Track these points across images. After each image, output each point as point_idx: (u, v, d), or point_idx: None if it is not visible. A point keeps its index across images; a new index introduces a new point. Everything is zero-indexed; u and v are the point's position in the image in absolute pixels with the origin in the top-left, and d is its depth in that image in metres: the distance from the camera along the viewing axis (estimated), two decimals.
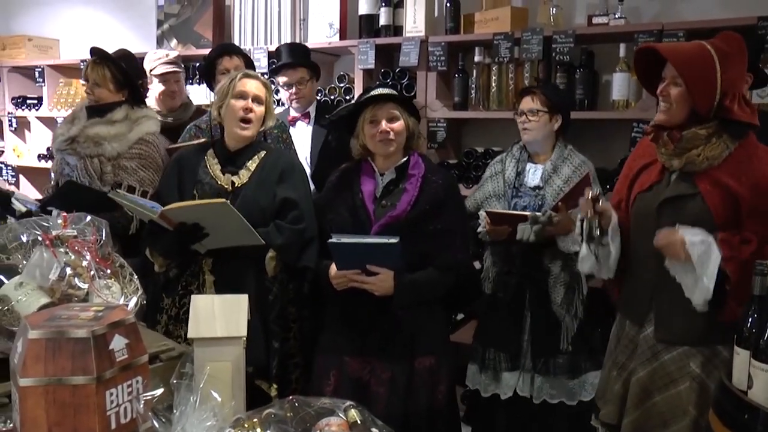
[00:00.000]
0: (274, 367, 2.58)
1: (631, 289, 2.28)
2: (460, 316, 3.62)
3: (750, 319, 1.71)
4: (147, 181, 2.92)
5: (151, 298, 2.67)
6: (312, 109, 3.59)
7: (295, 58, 3.56)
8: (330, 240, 2.30)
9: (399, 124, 2.39)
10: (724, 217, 2.02)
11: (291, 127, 3.57)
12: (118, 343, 1.23)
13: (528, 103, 2.77)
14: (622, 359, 2.28)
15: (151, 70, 3.70)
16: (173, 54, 3.82)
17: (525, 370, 2.75)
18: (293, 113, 3.62)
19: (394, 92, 2.45)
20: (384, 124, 2.38)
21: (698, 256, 1.98)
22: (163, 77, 3.64)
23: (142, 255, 2.64)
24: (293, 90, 3.51)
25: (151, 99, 3.71)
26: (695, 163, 2.05)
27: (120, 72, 3.00)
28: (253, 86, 2.59)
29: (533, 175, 2.80)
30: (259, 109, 2.59)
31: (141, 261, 2.61)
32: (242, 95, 2.57)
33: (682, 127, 2.07)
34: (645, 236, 2.18)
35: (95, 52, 3.05)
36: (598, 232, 2.20)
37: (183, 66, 3.75)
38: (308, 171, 3.41)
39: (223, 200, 2.37)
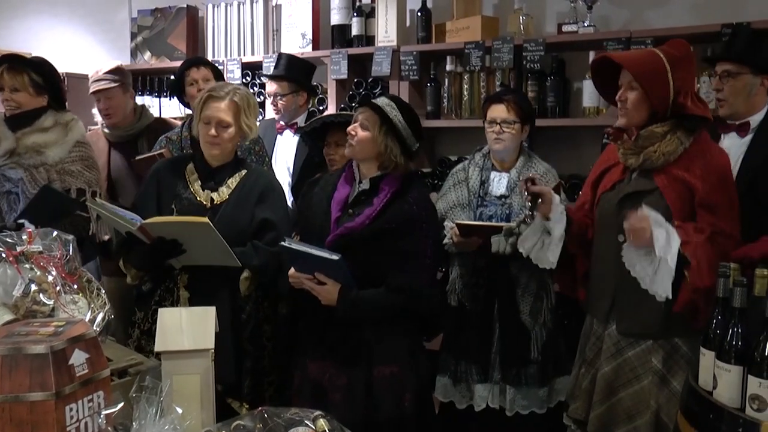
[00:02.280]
0: (246, 387, 2.55)
1: (595, 287, 2.35)
2: None
3: (714, 321, 1.75)
4: (93, 181, 2.95)
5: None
6: (301, 120, 3.55)
7: (286, 71, 3.54)
8: (281, 243, 2.29)
9: (363, 134, 2.33)
10: (681, 212, 2.11)
11: (279, 136, 3.57)
12: (78, 357, 1.22)
13: (502, 112, 2.71)
14: (590, 356, 2.34)
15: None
16: (108, 67, 3.58)
17: (494, 381, 2.71)
18: (281, 122, 3.60)
19: (388, 105, 2.36)
20: (352, 126, 2.35)
21: (661, 237, 2.03)
22: (95, 96, 3.52)
23: (97, 257, 2.63)
24: (272, 100, 3.52)
25: (97, 115, 3.63)
26: (652, 160, 2.14)
27: (39, 75, 2.91)
28: (217, 111, 2.50)
29: (498, 183, 2.77)
30: (227, 132, 2.52)
31: (93, 264, 2.58)
32: (207, 120, 2.51)
33: (641, 128, 2.17)
34: (608, 233, 2.26)
35: (8, 58, 2.96)
36: (528, 213, 2.30)
37: (121, 79, 3.53)
38: (290, 181, 3.42)
39: (206, 220, 2.33)
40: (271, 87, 3.53)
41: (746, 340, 1.63)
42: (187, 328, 1.70)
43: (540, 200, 2.27)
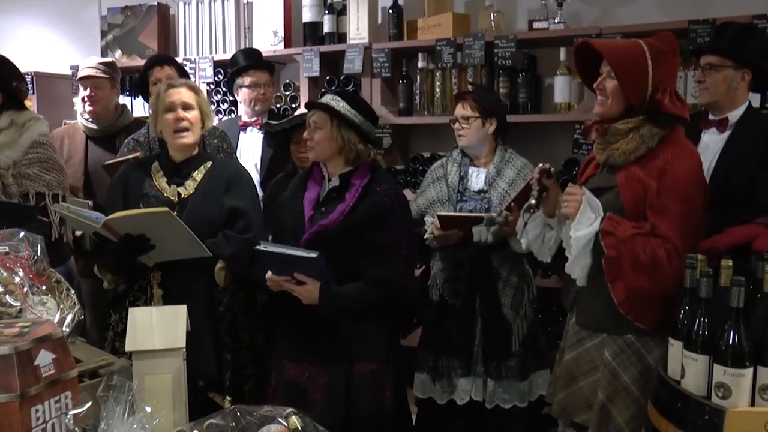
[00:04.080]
0: (228, 380, 2.55)
1: (567, 278, 2.35)
2: None
3: (682, 311, 1.77)
4: (54, 183, 2.83)
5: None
6: (265, 116, 3.57)
7: (259, 60, 3.55)
8: (256, 247, 2.30)
9: (318, 134, 2.36)
10: (634, 212, 2.07)
11: (242, 133, 3.55)
12: (44, 358, 1.21)
13: (459, 109, 2.78)
14: (563, 345, 2.36)
15: (75, 75, 3.58)
16: (101, 60, 3.63)
17: (477, 375, 2.73)
18: (245, 119, 3.59)
19: (333, 101, 2.38)
20: (307, 132, 2.40)
21: (582, 214, 2.04)
22: (82, 81, 3.49)
23: (66, 263, 2.60)
24: (261, 91, 3.49)
25: (79, 105, 3.59)
26: (614, 156, 2.12)
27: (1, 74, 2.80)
28: (179, 95, 2.55)
29: (477, 178, 2.80)
30: (192, 115, 2.56)
31: (65, 269, 2.54)
32: (171, 107, 2.54)
33: (617, 120, 2.13)
34: None
35: None
36: (533, 202, 2.21)
37: (112, 74, 3.56)
38: (258, 178, 3.41)
39: (166, 209, 2.34)
40: (251, 78, 3.48)
41: (713, 330, 1.65)
42: (158, 327, 1.68)
43: (545, 194, 2.22)
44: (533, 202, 2.22)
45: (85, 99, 3.47)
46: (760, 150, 2.46)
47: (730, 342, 1.58)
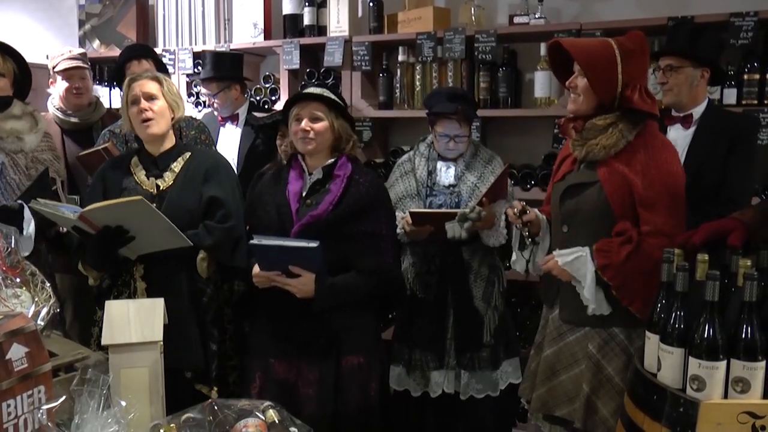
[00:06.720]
0: (214, 370, 2.55)
1: (546, 274, 2.37)
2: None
3: (659, 305, 1.79)
4: (61, 171, 2.98)
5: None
6: (242, 111, 3.56)
7: (215, 71, 3.51)
8: (251, 241, 2.29)
9: (321, 125, 2.36)
10: (620, 205, 2.12)
11: (221, 128, 3.55)
12: (16, 352, 1.19)
13: (456, 129, 2.73)
14: (539, 339, 2.39)
15: (54, 68, 3.47)
16: (77, 51, 3.57)
17: (450, 367, 2.76)
18: (222, 115, 3.58)
19: (325, 92, 2.40)
20: (305, 123, 2.36)
21: (576, 272, 2.12)
22: (67, 73, 3.42)
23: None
24: (213, 100, 3.54)
25: (56, 98, 3.49)
26: (594, 152, 2.15)
27: (21, 68, 2.89)
28: (141, 87, 2.54)
29: (446, 173, 2.80)
30: (157, 105, 2.54)
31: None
32: (134, 100, 2.53)
33: (591, 117, 2.18)
34: (555, 223, 2.30)
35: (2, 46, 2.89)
36: (529, 241, 2.33)
37: (89, 64, 3.55)
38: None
39: (140, 198, 2.31)
40: (205, 88, 3.56)
41: (688, 323, 1.67)
42: (134, 320, 1.67)
43: (530, 224, 2.31)
44: (527, 241, 2.35)
45: (74, 91, 3.43)
46: (726, 143, 2.53)
47: (705, 335, 1.60)
